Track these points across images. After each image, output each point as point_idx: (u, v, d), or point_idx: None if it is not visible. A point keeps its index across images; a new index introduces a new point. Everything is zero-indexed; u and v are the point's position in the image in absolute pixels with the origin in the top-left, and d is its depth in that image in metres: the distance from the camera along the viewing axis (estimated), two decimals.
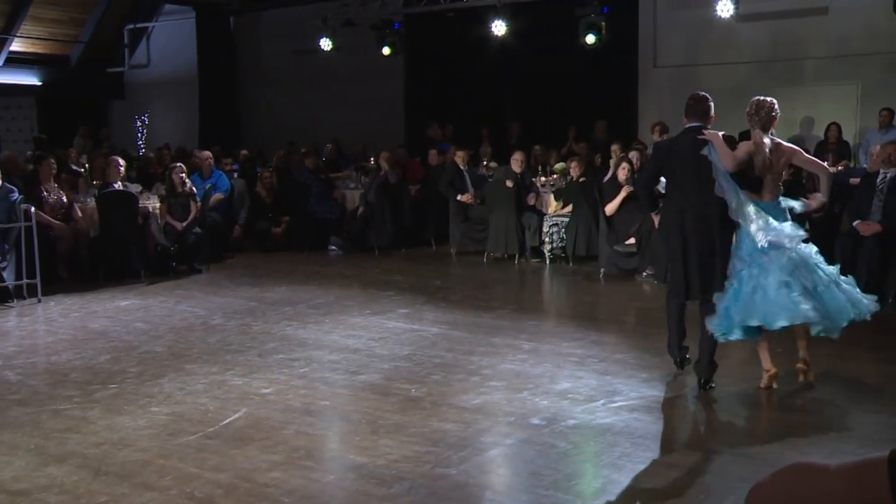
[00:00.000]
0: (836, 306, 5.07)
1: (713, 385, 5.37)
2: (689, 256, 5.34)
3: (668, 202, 5.61)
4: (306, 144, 14.24)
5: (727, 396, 5.27)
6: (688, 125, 5.48)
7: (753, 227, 5.06)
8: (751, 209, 5.11)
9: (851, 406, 5.05)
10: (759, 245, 5.02)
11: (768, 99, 5.33)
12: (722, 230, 5.27)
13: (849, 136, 12.62)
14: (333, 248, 11.75)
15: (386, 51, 14.36)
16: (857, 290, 5.19)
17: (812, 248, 5.26)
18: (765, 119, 5.26)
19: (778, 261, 5.04)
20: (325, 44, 14.73)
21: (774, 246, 5.02)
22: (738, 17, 12.96)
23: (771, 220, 5.11)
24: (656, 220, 5.95)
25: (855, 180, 9.05)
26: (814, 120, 13.15)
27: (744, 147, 5.26)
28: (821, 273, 5.14)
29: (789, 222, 5.21)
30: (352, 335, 6.93)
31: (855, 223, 8.04)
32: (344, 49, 14.96)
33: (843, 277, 5.23)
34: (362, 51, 14.88)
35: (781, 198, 5.32)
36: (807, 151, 10.51)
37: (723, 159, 5.18)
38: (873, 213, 7.97)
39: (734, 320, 5.06)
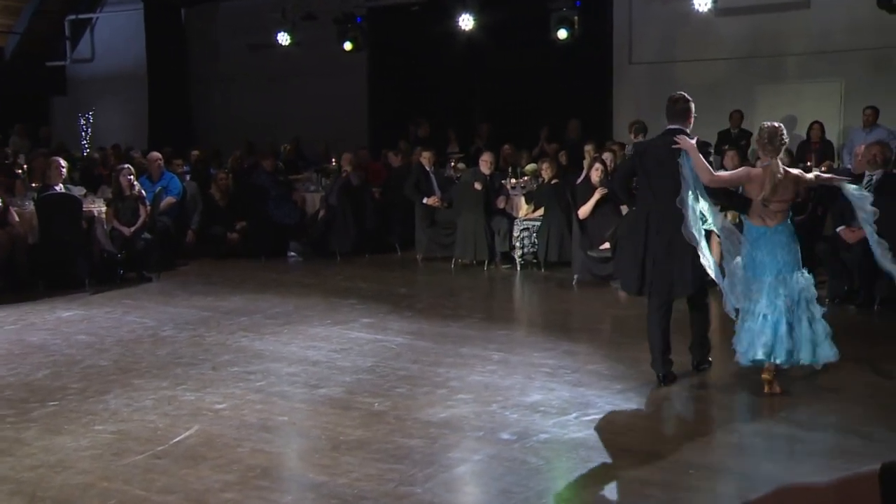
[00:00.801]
0: (804, 345, 5.36)
1: (706, 366, 5.72)
2: (648, 255, 5.62)
3: (637, 202, 5.89)
4: (264, 144, 14.20)
5: (706, 409, 5.33)
6: (668, 127, 5.65)
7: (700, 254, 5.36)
8: (702, 238, 5.40)
9: (837, 419, 5.11)
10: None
11: (779, 126, 5.48)
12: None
13: (832, 135, 12.81)
14: (293, 254, 11.70)
15: (348, 46, 14.36)
16: (828, 335, 5.45)
17: (809, 280, 5.48)
18: (779, 147, 5.42)
19: (767, 288, 5.36)
20: (284, 38, 14.69)
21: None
22: (717, 11, 13.11)
23: (706, 252, 5.40)
24: None
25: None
26: (796, 119, 13.32)
27: (746, 172, 5.51)
28: (806, 309, 5.39)
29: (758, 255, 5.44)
30: (312, 346, 6.91)
31: (839, 229, 8.14)
32: (304, 44, 14.93)
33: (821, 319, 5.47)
34: (323, 46, 14.86)
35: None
36: (789, 153, 10.69)
37: (700, 174, 5.34)
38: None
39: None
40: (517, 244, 10.27)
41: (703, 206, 5.49)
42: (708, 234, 5.67)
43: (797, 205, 8.98)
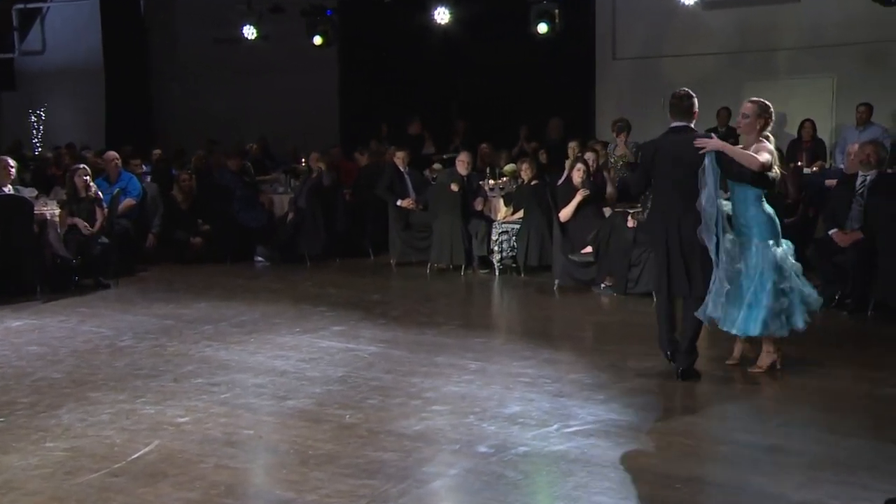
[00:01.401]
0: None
1: (694, 378, 6.02)
2: (671, 255, 5.96)
3: (654, 201, 6.31)
4: (229, 143, 14.15)
5: (692, 419, 5.36)
6: (673, 124, 6.05)
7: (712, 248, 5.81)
8: (721, 233, 5.83)
9: (827, 428, 5.16)
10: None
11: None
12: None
13: (824, 133, 12.94)
14: (260, 259, 11.67)
15: (317, 40, 14.35)
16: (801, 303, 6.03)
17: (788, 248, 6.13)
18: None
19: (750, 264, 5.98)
20: (250, 31, 14.66)
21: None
22: (704, 4, 13.24)
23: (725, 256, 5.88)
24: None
25: (831, 182, 9.28)
26: (786, 116, 13.43)
27: (768, 149, 5.88)
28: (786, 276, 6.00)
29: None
30: (280, 356, 6.89)
31: (831, 232, 8.20)
32: (271, 37, 14.90)
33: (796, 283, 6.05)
34: (292, 40, 14.85)
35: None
36: (779, 151, 10.84)
37: (748, 162, 5.75)
38: (852, 218, 8.12)
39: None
40: (495, 248, 10.29)
41: (726, 207, 5.97)
42: None
43: (787, 206, 9.09)
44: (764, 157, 5.76)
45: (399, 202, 11.01)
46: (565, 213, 9.44)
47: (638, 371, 6.35)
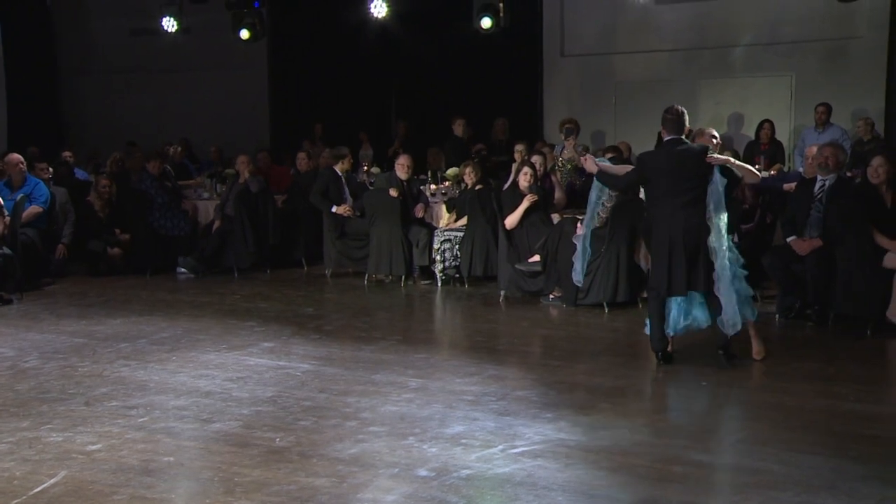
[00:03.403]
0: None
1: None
2: (675, 257, 6.76)
3: (654, 209, 6.99)
4: (149, 146, 13.98)
5: (644, 440, 5.42)
6: (667, 137, 6.96)
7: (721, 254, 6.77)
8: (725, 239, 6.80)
9: (786, 446, 5.25)
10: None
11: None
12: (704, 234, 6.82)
13: (783, 135, 13.22)
14: (183, 270, 11.54)
15: (244, 34, 14.26)
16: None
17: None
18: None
19: None
20: (170, 23, 14.52)
21: None
22: None
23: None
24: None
25: (790, 187, 9.45)
26: (743, 117, 13.72)
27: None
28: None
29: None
30: (204, 375, 6.82)
31: (789, 239, 8.34)
32: (194, 30, 14.82)
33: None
34: (217, 33, 14.77)
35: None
36: (735, 153, 11.03)
37: (750, 177, 7.12)
38: (811, 225, 8.26)
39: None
40: (437, 257, 10.31)
41: (724, 219, 6.80)
42: None
43: (744, 212, 9.26)
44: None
45: (334, 209, 10.97)
46: (511, 220, 9.50)
47: (588, 387, 6.41)
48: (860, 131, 12.12)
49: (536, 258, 9.28)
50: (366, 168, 13.08)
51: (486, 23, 12.99)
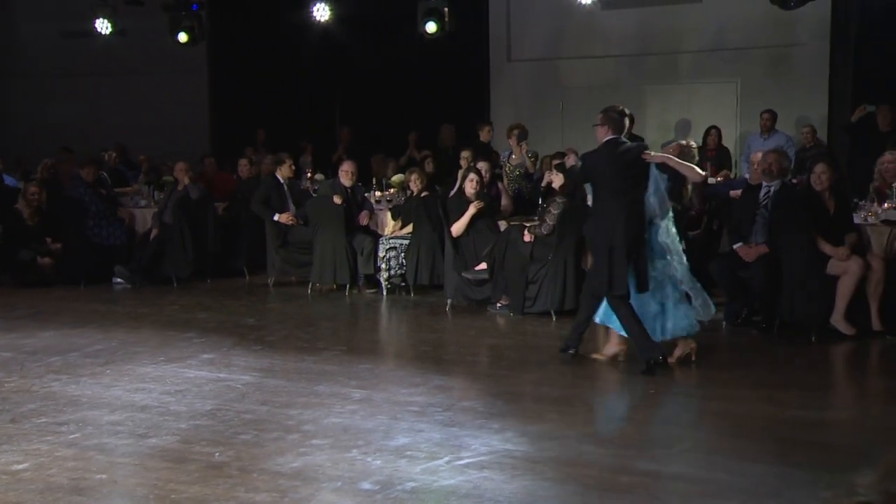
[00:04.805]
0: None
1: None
2: (616, 256, 6.88)
3: (596, 208, 7.21)
4: (82, 151, 13.78)
5: (590, 449, 5.45)
6: (608, 138, 7.08)
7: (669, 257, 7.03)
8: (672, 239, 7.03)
9: (732, 454, 5.31)
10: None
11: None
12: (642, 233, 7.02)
13: (729, 141, 13.41)
14: (119, 280, 11.40)
15: (182, 37, 14.11)
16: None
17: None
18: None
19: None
20: (104, 25, 14.31)
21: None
22: (603, 4, 13.58)
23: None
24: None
25: (736, 193, 9.59)
26: (690, 123, 13.89)
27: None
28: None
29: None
30: (140, 389, 6.73)
31: (736, 246, 8.47)
32: (130, 33, 14.64)
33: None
34: (153, 36, 14.61)
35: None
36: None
37: (692, 175, 7.17)
38: (756, 231, 8.39)
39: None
40: (383, 265, 10.30)
41: (671, 216, 7.05)
42: None
43: (691, 219, 9.36)
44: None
45: (276, 216, 10.91)
46: (458, 227, 9.52)
47: (535, 397, 6.44)
48: (804, 138, 12.35)
49: (483, 266, 9.30)
50: (309, 175, 13.02)
51: (431, 27, 13.00)
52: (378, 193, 11.69)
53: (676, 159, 7.10)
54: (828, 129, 13.13)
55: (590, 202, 7.79)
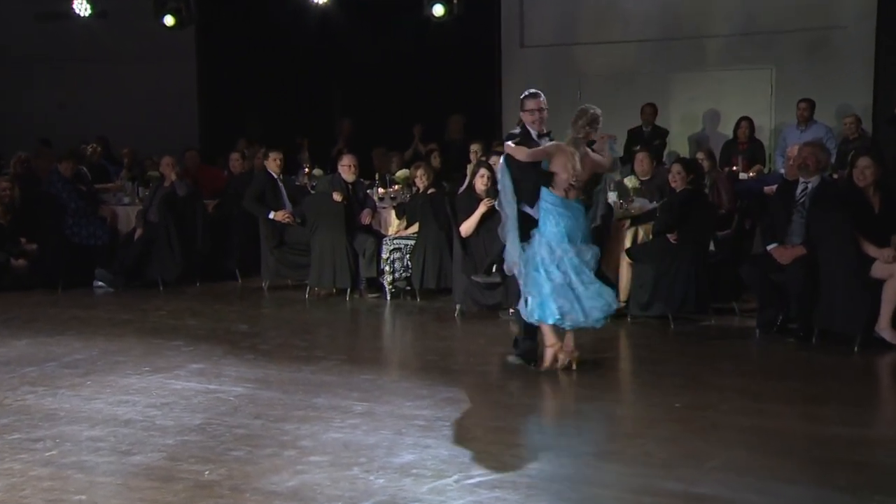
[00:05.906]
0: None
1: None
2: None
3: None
4: (60, 144, 13.82)
5: (612, 467, 5.44)
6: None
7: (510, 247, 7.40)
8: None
9: (766, 474, 5.30)
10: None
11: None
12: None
13: (762, 133, 13.35)
14: (100, 284, 11.45)
15: (169, 21, 14.15)
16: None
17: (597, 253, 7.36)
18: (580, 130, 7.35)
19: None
20: (82, 7, 14.33)
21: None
22: None
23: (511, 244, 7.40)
24: None
25: (770, 190, 9.58)
26: (719, 114, 13.84)
27: (555, 146, 7.36)
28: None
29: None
30: (123, 401, 6.74)
31: (770, 247, 8.41)
32: (112, 15, 14.69)
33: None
34: (137, 19, 14.67)
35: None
36: (710, 153, 11.08)
37: (517, 154, 7.24)
38: (793, 231, 8.35)
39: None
40: (386, 268, 10.31)
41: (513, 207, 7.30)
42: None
43: (721, 217, 9.34)
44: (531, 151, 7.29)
45: (271, 215, 10.93)
46: (467, 227, 9.51)
47: (550, 410, 6.44)
48: (846, 129, 12.26)
49: (494, 269, 9.29)
50: (306, 170, 13.03)
51: (438, 10, 13.02)
52: (381, 190, 11.70)
53: (510, 145, 7.36)
54: (872, 119, 13.02)
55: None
